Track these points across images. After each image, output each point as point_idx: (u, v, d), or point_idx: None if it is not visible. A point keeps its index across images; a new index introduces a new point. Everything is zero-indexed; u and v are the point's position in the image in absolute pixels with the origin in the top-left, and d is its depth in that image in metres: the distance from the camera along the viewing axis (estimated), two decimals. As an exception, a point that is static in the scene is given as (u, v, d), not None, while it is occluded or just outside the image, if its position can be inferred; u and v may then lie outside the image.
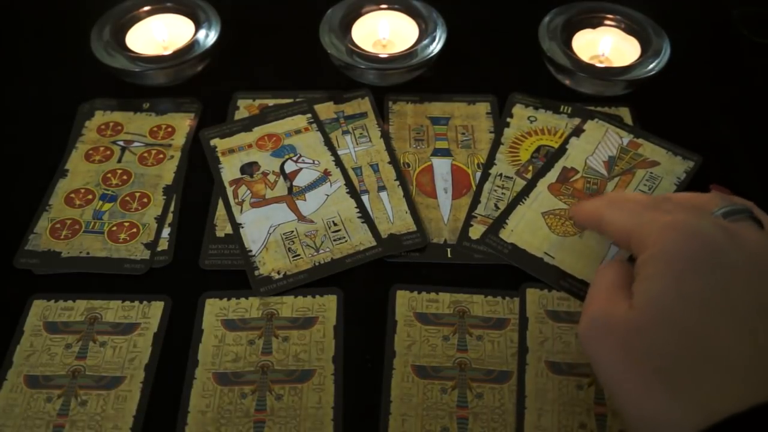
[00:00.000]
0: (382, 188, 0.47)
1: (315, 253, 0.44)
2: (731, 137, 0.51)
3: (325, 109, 0.52)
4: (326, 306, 0.41)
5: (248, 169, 0.48)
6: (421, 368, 0.39)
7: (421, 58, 0.53)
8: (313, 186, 0.47)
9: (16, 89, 0.55)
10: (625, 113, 0.52)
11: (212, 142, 0.50)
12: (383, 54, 0.53)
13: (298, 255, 0.44)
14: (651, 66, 0.52)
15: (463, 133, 0.51)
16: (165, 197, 0.47)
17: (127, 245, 0.44)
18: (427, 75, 0.54)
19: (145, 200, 0.47)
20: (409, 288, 0.42)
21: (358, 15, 0.56)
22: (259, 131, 0.51)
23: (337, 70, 0.54)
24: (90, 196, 0.47)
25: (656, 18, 0.55)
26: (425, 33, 0.54)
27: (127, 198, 0.47)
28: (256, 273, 0.43)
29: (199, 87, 0.54)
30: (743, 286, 0.29)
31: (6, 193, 0.48)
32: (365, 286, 0.42)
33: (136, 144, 0.50)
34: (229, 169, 0.49)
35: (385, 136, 0.50)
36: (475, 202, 0.46)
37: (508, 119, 0.51)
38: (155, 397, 0.38)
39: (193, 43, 0.54)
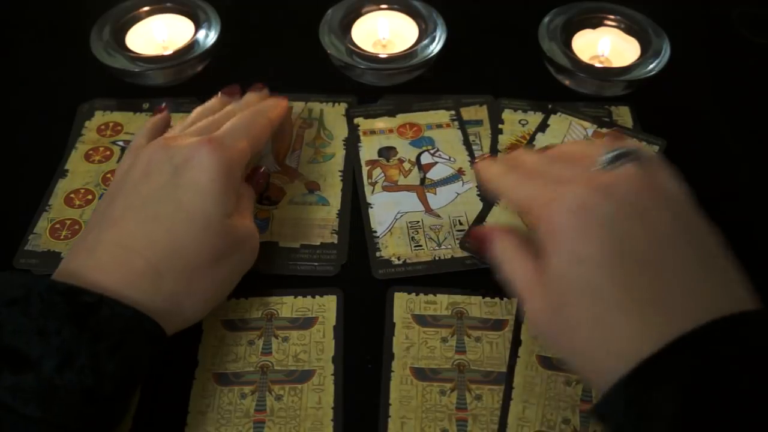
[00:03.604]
0: None
1: (437, 248, 0.44)
2: (731, 137, 0.51)
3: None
4: (326, 306, 0.41)
5: (386, 152, 0.49)
6: (420, 370, 0.39)
7: (421, 58, 0.53)
8: (445, 182, 0.48)
9: (16, 89, 0.55)
10: (625, 113, 0.52)
11: (356, 120, 0.51)
12: (383, 54, 0.53)
13: (420, 246, 0.44)
14: (651, 66, 0.52)
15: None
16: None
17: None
18: (427, 75, 0.54)
19: (145, 201, 0.47)
20: (406, 290, 0.42)
21: (358, 15, 0.56)
22: (402, 118, 0.52)
23: (337, 70, 0.54)
24: (90, 197, 0.47)
25: (656, 18, 0.55)
26: (425, 33, 0.54)
27: (127, 198, 0.47)
28: (377, 254, 0.44)
29: (199, 87, 0.54)
30: (627, 230, 0.32)
31: (6, 193, 0.48)
32: (365, 286, 0.43)
33: (136, 144, 0.50)
34: (367, 149, 0.50)
35: (493, 147, 0.50)
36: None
37: (500, 126, 0.51)
38: (155, 398, 0.38)
39: (193, 43, 0.54)
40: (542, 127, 0.50)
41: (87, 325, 0.31)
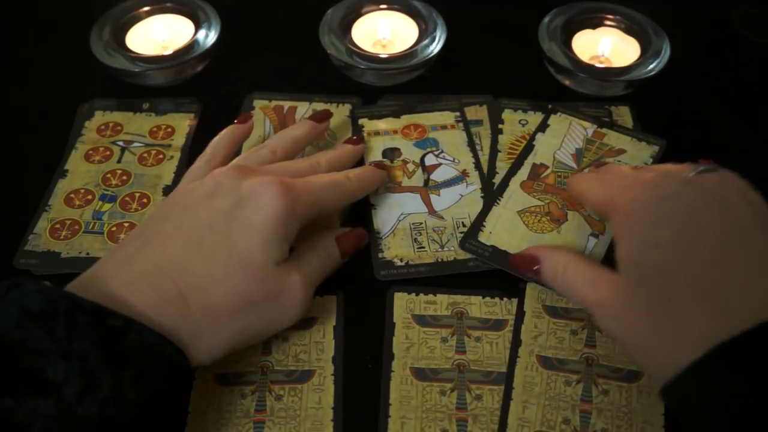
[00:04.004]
0: None
1: (439, 249, 0.44)
2: (731, 137, 0.51)
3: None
4: (326, 306, 0.41)
5: (390, 153, 0.49)
6: (420, 370, 0.39)
7: (421, 58, 0.53)
8: (449, 183, 0.48)
9: (16, 89, 0.55)
10: (625, 113, 0.52)
11: (360, 121, 0.51)
12: (383, 54, 0.53)
13: (423, 247, 0.44)
14: (651, 66, 0.52)
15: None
16: (165, 198, 0.47)
17: (118, 243, 0.44)
18: (427, 75, 0.54)
19: (145, 200, 0.47)
20: (406, 290, 0.42)
21: (358, 15, 0.56)
22: (406, 119, 0.51)
23: (337, 70, 0.54)
24: (90, 197, 0.47)
25: (656, 18, 0.55)
26: (425, 33, 0.54)
27: (127, 198, 0.47)
28: (380, 255, 0.44)
29: (199, 87, 0.54)
30: (707, 219, 0.32)
31: (6, 193, 0.48)
32: (365, 286, 0.43)
33: (135, 144, 0.50)
34: (371, 150, 0.49)
35: (493, 147, 0.50)
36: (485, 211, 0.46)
37: (500, 126, 0.51)
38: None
39: (193, 43, 0.54)
40: (542, 127, 0.50)
41: (113, 350, 0.30)
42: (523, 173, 0.47)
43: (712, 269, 0.31)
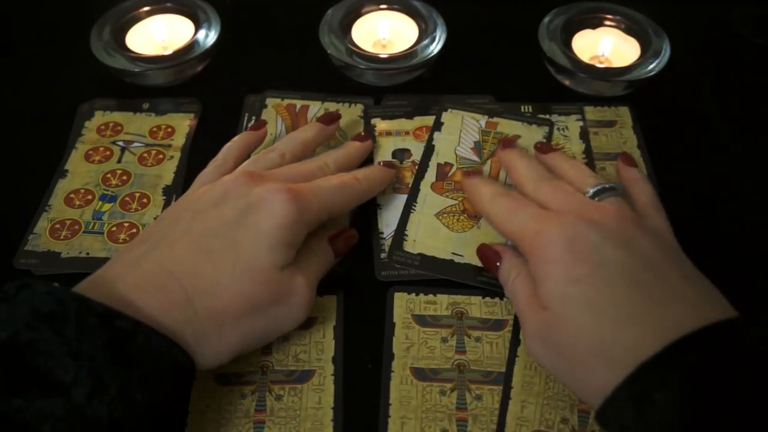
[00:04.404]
0: None
1: None
2: (731, 137, 0.51)
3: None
4: (326, 306, 0.41)
5: (400, 154, 0.49)
6: (420, 370, 0.39)
7: (421, 58, 0.53)
8: None
9: (16, 89, 0.55)
10: (624, 113, 0.52)
11: (373, 121, 0.51)
12: (383, 54, 0.53)
13: None
14: (651, 66, 0.52)
15: None
16: (165, 198, 0.47)
17: (126, 246, 0.44)
18: (427, 75, 0.54)
19: (145, 201, 0.47)
20: (406, 290, 0.42)
21: (358, 15, 0.56)
22: (419, 121, 0.51)
23: (337, 70, 0.54)
24: (90, 197, 0.47)
25: (656, 18, 0.55)
26: (425, 33, 0.54)
27: (127, 198, 0.47)
28: (382, 256, 0.43)
29: (199, 87, 0.54)
30: (615, 256, 0.34)
31: (6, 193, 0.48)
32: (365, 286, 0.43)
33: (135, 144, 0.50)
34: (381, 150, 0.49)
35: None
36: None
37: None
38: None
39: (193, 43, 0.54)
40: (437, 125, 0.50)
41: (121, 352, 0.30)
42: (430, 175, 0.47)
43: (632, 297, 0.33)
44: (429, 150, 0.49)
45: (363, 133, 0.49)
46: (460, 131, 0.50)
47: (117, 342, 0.30)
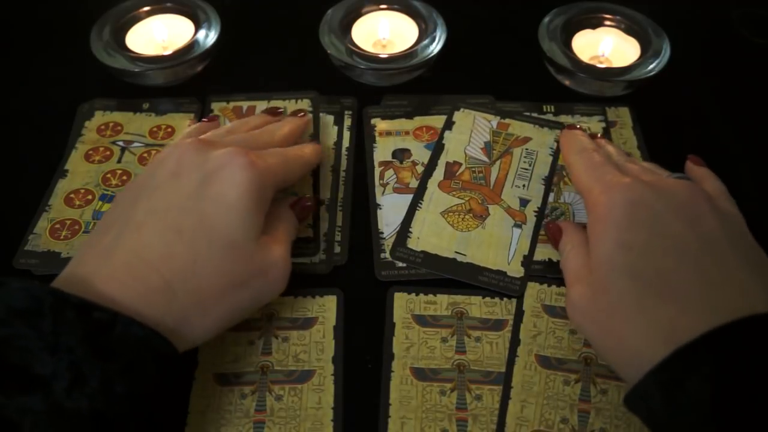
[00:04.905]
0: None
1: None
2: (731, 137, 0.51)
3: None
4: (326, 306, 0.41)
5: (400, 154, 0.49)
6: (420, 370, 0.39)
7: (421, 59, 0.53)
8: None
9: (16, 89, 0.55)
10: (624, 113, 0.52)
11: (372, 121, 0.51)
12: (383, 54, 0.53)
13: None
14: (651, 66, 0.52)
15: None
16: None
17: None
18: (427, 75, 0.54)
19: (145, 201, 0.47)
20: (406, 290, 0.42)
21: (358, 15, 0.56)
22: (419, 121, 0.52)
23: (337, 70, 0.54)
24: (90, 197, 0.47)
25: (656, 18, 0.55)
26: (425, 33, 0.54)
27: (127, 198, 0.47)
28: (382, 256, 0.43)
29: (199, 87, 0.54)
30: (674, 229, 0.34)
31: (6, 193, 0.48)
32: (365, 286, 0.43)
33: (135, 144, 0.50)
34: (381, 150, 0.49)
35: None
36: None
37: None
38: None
39: (193, 43, 0.54)
40: (449, 124, 0.51)
41: (100, 344, 0.30)
42: (438, 173, 0.48)
43: (681, 275, 0.33)
44: (439, 148, 0.49)
45: (301, 112, 0.49)
46: (471, 131, 0.50)
47: (95, 334, 0.30)
